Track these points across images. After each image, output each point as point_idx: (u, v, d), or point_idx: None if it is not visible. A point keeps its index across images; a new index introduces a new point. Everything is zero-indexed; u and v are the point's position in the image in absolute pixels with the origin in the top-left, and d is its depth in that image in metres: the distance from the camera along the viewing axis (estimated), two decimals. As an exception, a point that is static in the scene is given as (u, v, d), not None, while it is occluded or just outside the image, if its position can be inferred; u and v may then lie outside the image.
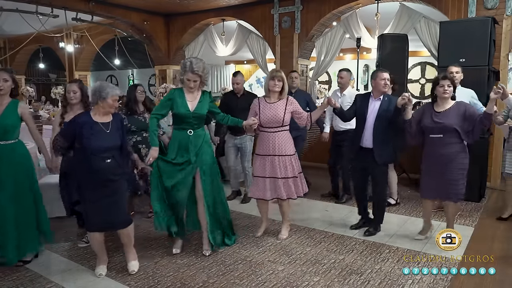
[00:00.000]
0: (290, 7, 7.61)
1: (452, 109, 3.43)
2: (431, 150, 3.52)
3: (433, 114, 3.47)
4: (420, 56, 11.35)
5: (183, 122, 3.39)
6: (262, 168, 3.72)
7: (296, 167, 3.75)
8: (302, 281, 3.07)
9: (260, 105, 3.73)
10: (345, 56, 12.57)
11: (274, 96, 3.71)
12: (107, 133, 3.03)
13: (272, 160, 3.68)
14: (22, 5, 7.74)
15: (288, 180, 3.69)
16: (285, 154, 3.68)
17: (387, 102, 3.76)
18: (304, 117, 3.73)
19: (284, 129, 3.71)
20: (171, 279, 3.12)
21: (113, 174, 3.03)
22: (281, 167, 3.67)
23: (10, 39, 13.04)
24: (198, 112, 3.40)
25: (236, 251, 3.63)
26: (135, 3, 8.43)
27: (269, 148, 3.69)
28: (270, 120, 3.66)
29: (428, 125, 3.47)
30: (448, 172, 3.44)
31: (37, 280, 3.10)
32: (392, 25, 6.81)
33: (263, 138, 3.73)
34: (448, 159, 3.42)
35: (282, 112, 3.66)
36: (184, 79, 3.38)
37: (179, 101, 3.37)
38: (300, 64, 7.80)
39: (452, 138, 3.41)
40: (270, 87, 3.68)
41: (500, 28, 5.52)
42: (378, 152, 3.76)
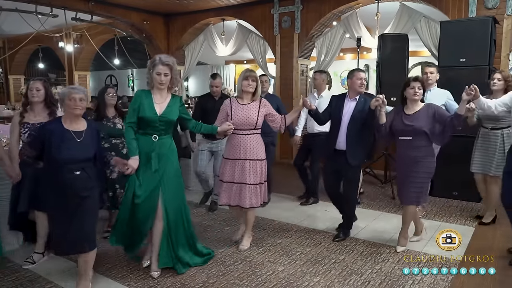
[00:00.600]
0: (290, 7, 7.60)
1: (422, 111, 3.40)
2: (401, 152, 3.51)
3: (403, 117, 3.44)
4: (420, 56, 11.35)
5: (149, 127, 3.06)
6: (231, 173, 3.50)
7: (264, 174, 3.56)
8: (302, 282, 3.06)
9: (232, 106, 3.51)
10: (345, 56, 12.55)
11: (247, 97, 3.52)
12: (78, 142, 2.77)
13: (242, 164, 3.47)
14: (22, 4, 7.72)
15: (256, 187, 3.48)
16: (257, 158, 3.48)
17: (363, 102, 3.69)
18: (278, 120, 3.58)
19: (256, 132, 3.52)
20: (171, 279, 3.11)
21: (83, 189, 2.74)
22: (250, 173, 3.45)
23: (9, 39, 13.03)
24: (166, 116, 3.07)
25: (236, 251, 3.62)
26: (134, 3, 8.42)
27: (240, 151, 3.47)
28: (243, 122, 3.46)
29: (398, 128, 3.45)
30: (414, 175, 3.41)
31: (37, 281, 3.09)
32: (393, 25, 6.80)
33: (233, 141, 3.51)
34: (415, 161, 3.39)
35: (255, 114, 3.47)
36: (153, 74, 3.05)
37: (145, 103, 3.05)
38: (300, 64, 7.79)
39: (421, 141, 3.39)
40: (244, 87, 3.49)
41: (501, 28, 5.52)
42: (351, 154, 3.68)
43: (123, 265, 3.35)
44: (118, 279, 3.12)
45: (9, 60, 13.28)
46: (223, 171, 3.57)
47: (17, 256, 3.49)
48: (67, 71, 12.08)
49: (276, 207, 4.91)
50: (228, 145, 3.58)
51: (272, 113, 3.58)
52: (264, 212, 4.70)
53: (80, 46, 11.46)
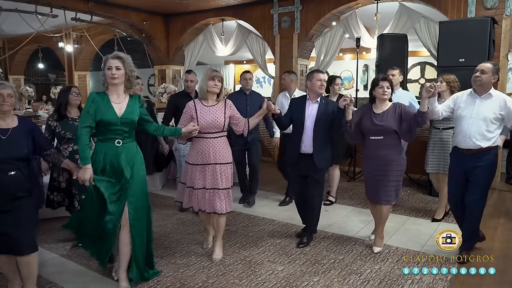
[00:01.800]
0: (289, 7, 7.61)
1: (390, 110, 3.44)
2: (371, 152, 3.49)
3: (372, 116, 3.46)
4: (419, 56, 11.37)
5: (109, 131, 2.82)
6: (202, 179, 3.28)
7: (231, 178, 3.38)
8: (302, 281, 3.07)
9: (197, 108, 3.30)
10: (344, 56, 12.57)
11: (212, 99, 3.34)
12: (3, 140, 2.58)
13: (213, 169, 3.27)
14: (21, 5, 7.73)
15: (229, 191, 3.33)
16: (226, 162, 3.32)
17: (325, 104, 3.66)
18: (241, 123, 3.42)
19: (223, 134, 3.36)
20: (171, 279, 3.11)
21: (18, 190, 2.58)
22: (222, 177, 3.28)
23: (9, 39, 13.03)
24: (128, 117, 2.85)
25: (235, 251, 3.63)
26: (134, 3, 8.42)
27: (210, 156, 3.26)
28: (210, 125, 3.27)
29: (368, 127, 3.45)
30: (386, 174, 3.43)
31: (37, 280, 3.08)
32: (392, 25, 6.81)
33: (201, 145, 3.29)
34: (388, 161, 3.41)
35: (222, 116, 3.30)
36: (105, 71, 2.85)
37: (102, 106, 2.81)
38: (299, 64, 7.80)
39: (392, 140, 3.42)
40: (210, 88, 3.29)
41: (500, 28, 5.53)
42: (318, 157, 3.62)
43: (123, 265, 3.36)
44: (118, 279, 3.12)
45: (9, 60, 13.28)
46: (192, 178, 3.32)
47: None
48: (67, 71, 12.08)
49: (275, 207, 4.92)
50: (193, 149, 3.34)
51: (236, 116, 3.42)
52: (264, 212, 4.71)
53: (80, 46, 11.47)
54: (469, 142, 3.26)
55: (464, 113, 3.32)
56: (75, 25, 10.14)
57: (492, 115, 3.21)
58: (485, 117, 3.22)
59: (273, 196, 5.27)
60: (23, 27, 9.34)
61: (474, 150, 3.26)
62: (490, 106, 3.23)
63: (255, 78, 15.41)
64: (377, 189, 3.48)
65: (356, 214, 4.64)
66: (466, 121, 3.29)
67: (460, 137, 3.34)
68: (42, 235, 3.97)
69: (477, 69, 3.27)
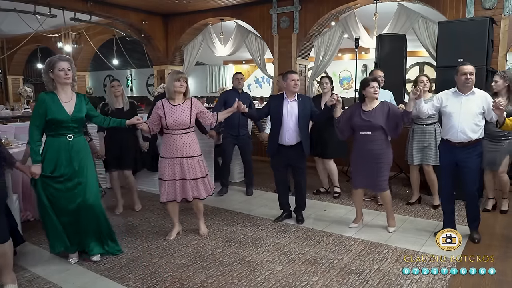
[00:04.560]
0: (288, 7, 7.60)
1: (378, 108, 3.81)
2: (361, 146, 3.88)
3: (361, 113, 3.82)
4: (418, 56, 11.38)
5: (61, 127, 3.14)
6: (172, 171, 3.68)
7: (203, 168, 3.78)
8: (301, 281, 3.07)
9: (165, 108, 3.64)
10: (343, 56, 12.58)
11: (179, 98, 3.68)
12: None
13: (181, 162, 3.66)
14: (20, 5, 7.71)
15: (197, 181, 3.72)
16: (193, 155, 3.69)
17: (302, 101, 4.13)
18: (209, 116, 3.79)
19: (190, 130, 3.71)
20: (170, 279, 3.11)
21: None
22: (189, 169, 3.67)
23: (8, 39, 13.00)
24: (77, 115, 3.18)
25: (234, 251, 3.63)
26: (133, 3, 8.41)
27: (177, 150, 3.65)
28: (177, 123, 3.62)
29: (358, 123, 3.83)
30: (378, 166, 3.83)
31: (36, 281, 3.09)
32: (391, 25, 6.81)
33: (169, 141, 3.68)
34: (377, 154, 3.80)
35: (188, 114, 3.64)
36: (56, 72, 3.10)
37: (53, 106, 3.09)
38: (298, 64, 7.79)
39: (379, 135, 3.80)
40: (176, 88, 3.62)
41: (498, 28, 5.53)
42: (306, 146, 4.14)
43: (122, 264, 3.36)
44: (117, 279, 3.12)
45: (8, 60, 13.25)
46: (163, 170, 3.72)
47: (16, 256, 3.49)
48: (66, 72, 12.04)
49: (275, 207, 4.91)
50: (163, 144, 3.73)
51: (202, 111, 3.76)
52: (263, 212, 4.71)
53: (79, 46, 11.45)
54: (461, 135, 3.58)
55: (453, 110, 3.64)
56: (74, 25, 10.13)
57: (478, 110, 3.58)
58: (473, 112, 3.57)
59: (272, 196, 5.27)
60: (22, 27, 9.32)
61: (465, 142, 3.59)
62: (476, 102, 3.59)
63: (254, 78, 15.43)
64: (373, 180, 3.89)
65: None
66: (456, 117, 3.61)
67: (451, 132, 3.64)
68: (42, 235, 3.96)
69: (466, 72, 3.57)
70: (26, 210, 4.38)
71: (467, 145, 3.58)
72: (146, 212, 4.77)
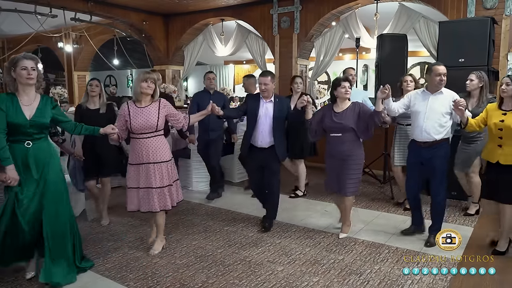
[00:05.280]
0: (289, 7, 7.60)
1: (349, 109, 3.71)
2: (332, 148, 3.78)
3: (333, 115, 3.73)
4: (419, 56, 11.37)
5: (19, 133, 2.83)
6: (136, 178, 3.38)
7: (172, 174, 3.47)
8: (302, 281, 3.07)
9: (130, 110, 3.35)
10: (344, 56, 12.57)
11: (146, 100, 3.39)
12: None
13: (146, 168, 3.35)
14: (21, 5, 7.72)
15: (163, 190, 3.39)
16: (161, 160, 3.38)
17: (279, 102, 4.01)
18: (180, 119, 3.52)
19: (158, 134, 3.41)
20: (170, 279, 3.11)
21: None
22: (156, 176, 3.35)
23: (8, 39, 13.01)
24: (37, 120, 2.86)
25: (235, 251, 3.63)
26: (134, 3, 8.41)
27: (143, 155, 3.34)
28: (143, 126, 3.32)
29: (329, 125, 3.74)
30: (346, 168, 3.70)
31: (36, 281, 3.08)
32: (391, 25, 6.80)
33: (135, 146, 3.38)
34: (347, 156, 3.69)
35: (155, 117, 3.35)
36: (17, 71, 2.81)
37: (11, 108, 2.80)
38: (299, 64, 7.80)
39: (350, 137, 3.69)
40: (143, 90, 3.33)
41: (499, 28, 5.52)
42: (280, 150, 3.99)
43: (122, 265, 3.36)
44: (118, 279, 3.12)
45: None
46: (128, 177, 3.43)
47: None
48: (66, 72, 12.06)
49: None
50: (131, 149, 3.44)
51: (173, 113, 3.49)
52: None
53: (79, 46, 11.45)
54: (425, 135, 3.58)
55: (420, 109, 3.63)
56: (74, 25, 10.12)
57: (444, 110, 3.56)
58: (438, 112, 3.56)
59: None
60: (22, 27, 9.33)
61: (430, 142, 3.58)
62: (442, 102, 3.57)
63: (255, 78, 15.37)
64: (340, 181, 3.76)
65: (356, 214, 4.63)
66: (421, 116, 3.60)
67: (417, 131, 3.65)
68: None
69: (441, 73, 3.55)
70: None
71: (432, 145, 3.57)
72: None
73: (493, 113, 3.39)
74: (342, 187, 3.75)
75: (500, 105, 3.40)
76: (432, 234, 3.68)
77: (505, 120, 3.28)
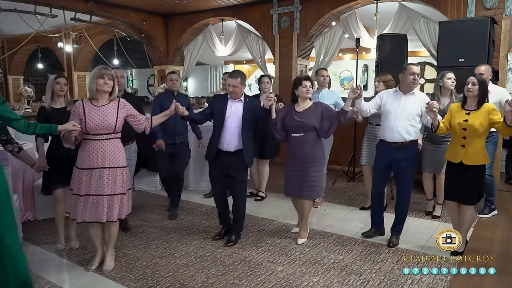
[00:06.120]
0: (289, 7, 7.60)
1: (311, 109, 3.64)
2: (293, 148, 3.68)
3: (294, 114, 3.65)
4: (419, 56, 11.36)
5: None
6: (87, 185, 3.04)
7: (126, 182, 3.17)
8: (302, 282, 3.06)
9: (86, 109, 3.05)
10: (344, 56, 12.57)
11: (103, 98, 3.10)
12: None
13: (100, 173, 3.04)
14: (21, 5, 7.72)
15: (114, 198, 3.07)
16: (117, 166, 3.09)
17: (249, 103, 3.71)
18: (141, 121, 3.23)
19: (116, 136, 3.12)
20: (170, 279, 3.11)
21: None
22: (109, 182, 3.05)
23: (8, 39, 13.01)
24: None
25: (235, 251, 3.63)
26: (134, 3, 8.41)
27: (98, 159, 3.03)
28: (99, 126, 3.03)
29: (290, 124, 3.64)
30: (309, 171, 3.62)
31: (36, 281, 3.08)
32: (391, 25, 6.80)
33: (89, 148, 3.05)
34: (308, 157, 3.62)
35: (113, 117, 3.07)
36: None
37: None
38: (299, 64, 7.79)
39: (311, 137, 3.62)
40: (99, 87, 3.04)
41: (499, 28, 5.52)
42: (248, 155, 3.70)
43: (122, 265, 3.35)
44: (118, 279, 3.12)
45: (8, 61, 13.25)
46: (78, 183, 3.07)
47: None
48: (66, 72, 12.05)
49: (274, 207, 4.92)
50: (81, 152, 3.10)
51: (133, 114, 3.21)
52: (263, 212, 4.71)
53: (79, 46, 11.45)
54: (396, 135, 3.56)
55: (391, 109, 3.62)
56: (74, 25, 10.13)
57: (415, 111, 3.56)
58: (410, 113, 3.55)
59: (272, 196, 5.27)
60: (22, 27, 9.32)
61: (399, 143, 3.57)
62: (413, 103, 3.57)
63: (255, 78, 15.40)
64: (300, 184, 3.66)
65: (356, 214, 4.64)
66: (392, 115, 3.59)
67: (387, 131, 3.62)
68: (42, 235, 3.98)
69: (414, 72, 3.54)
70: (26, 210, 4.38)
71: (401, 146, 3.56)
72: (146, 212, 4.75)
73: (457, 113, 3.39)
74: (303, 190, 3.65)
75: (463, 105, 3.40)
76: (394, 235, 3.73)
77: (469, 119, 3.28)
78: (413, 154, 3.63)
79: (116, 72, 3.81)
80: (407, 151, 3.58)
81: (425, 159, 4.44)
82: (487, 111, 3.24)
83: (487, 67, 4.33)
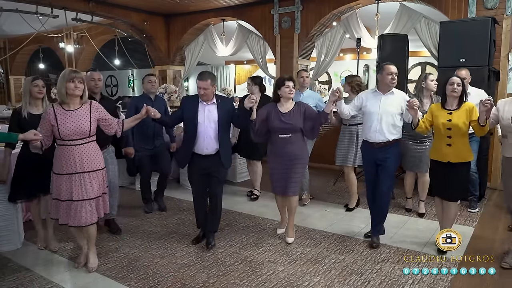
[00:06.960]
0: (290, 7, 7.60)
1: (295, 109, 3.66)
2: (279, 149, 3.69)
3: (280, 115, 3.64)
4: (420, 56, 11.33)
5: None
6: (69, 190, 3.02)
7: (104, 184, 3.18)
8: (302, 281, 3.07)
9: (57, 114, 2.97)
10: (345, 56, 12.55)
11: (75, 102, 3.03)
12: None
13: (80, 178, 3.02)
14: (22, 5, 7.73)
15: (94, 201, 3.09)
16: (96, 169, 3.09)
17: (222, 103, 3.61)
18: (113, 124, 3.18)
19: (91, 140, 3.09)
20: (171, 279, 3.12)
21: None
22: (93, 185, 3.06)
23: (10, 40, 13.04)
24: None
25: (236, 251, 3.63)
26: (135, 3, 8.42)
27: (76, 164, 2.99)
28: (73, 132, 2.97)
29: (277, 126, 3.64)
30: (294, 168, 3.67)
31: (37, 281, 3.10)
32: (392, 25, 6.80)
33: (65, 153, 3.00)
34: (294, 155, 3.65)
35: (87, 121, 3.01)
36: None
37: None
38: (300, 64, 7.79)
39: (298, 137, 3.67)
40: (70, 91, 2.96)
41: (500, 28, 5.51)
42: (225, 157, 3.63)
43: (123, 265, 3.36)
44: (119, 279, 3.13)
45: (10, 61, 13.28)
46: (57, 188, 3.06)
47: (17, 256, 3.50)
48: (68, 72, 12.07)
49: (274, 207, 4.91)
50: (57, 158, 3.05)
51: (105, 117, 3.15)
52: (264, 212, 4.71)
53: (81, 46, 11.47)
54: (379, 136, 3.57)
55: (372, 110, 3.61)
56: (75, 26, 10.13)
57: (396, 110, 3.57)
58: (391, 112, 3.56)
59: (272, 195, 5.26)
60: (24, 28, 9.35)
61: (383, 143, 3.58)
62: (393, 102, 3.58)
63: (255, 78, 15.36)
64: (285, 182, 3.70)
65: (356, 214, 4.64)
66: (375, 116, 3.58)
67: (371, 132, 3.62)
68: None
69: (392, 71, 3.54)
70: (27, 211, 4.38)
71: (385, 145, 3.58)
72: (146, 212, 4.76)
73: (439, 113, 3.42)
74: (287, 187, 3.70)
75: (444, 105, 3.43)
76: (375, 236, 3.74)
77: (452, 119, 3.33)
78: (397, 153, 3.67)
79: (93, 74, 3.83)
80: (391, 150, 3.60)
81: (409, 158, 4.46)
82: (468, 109, 3.32)
83: (467, 71, 4.43)
